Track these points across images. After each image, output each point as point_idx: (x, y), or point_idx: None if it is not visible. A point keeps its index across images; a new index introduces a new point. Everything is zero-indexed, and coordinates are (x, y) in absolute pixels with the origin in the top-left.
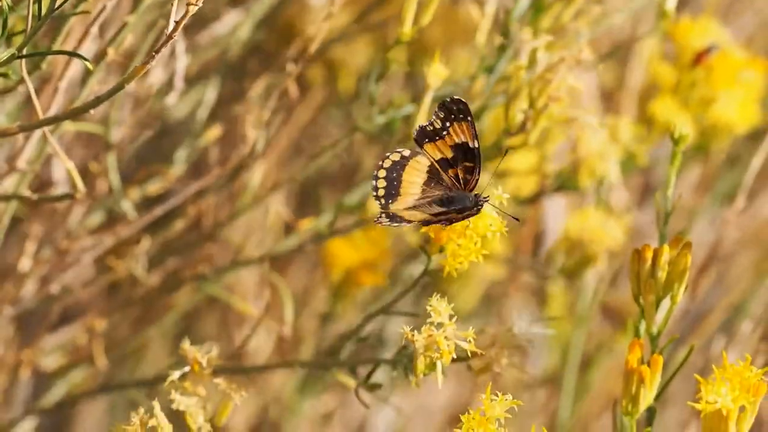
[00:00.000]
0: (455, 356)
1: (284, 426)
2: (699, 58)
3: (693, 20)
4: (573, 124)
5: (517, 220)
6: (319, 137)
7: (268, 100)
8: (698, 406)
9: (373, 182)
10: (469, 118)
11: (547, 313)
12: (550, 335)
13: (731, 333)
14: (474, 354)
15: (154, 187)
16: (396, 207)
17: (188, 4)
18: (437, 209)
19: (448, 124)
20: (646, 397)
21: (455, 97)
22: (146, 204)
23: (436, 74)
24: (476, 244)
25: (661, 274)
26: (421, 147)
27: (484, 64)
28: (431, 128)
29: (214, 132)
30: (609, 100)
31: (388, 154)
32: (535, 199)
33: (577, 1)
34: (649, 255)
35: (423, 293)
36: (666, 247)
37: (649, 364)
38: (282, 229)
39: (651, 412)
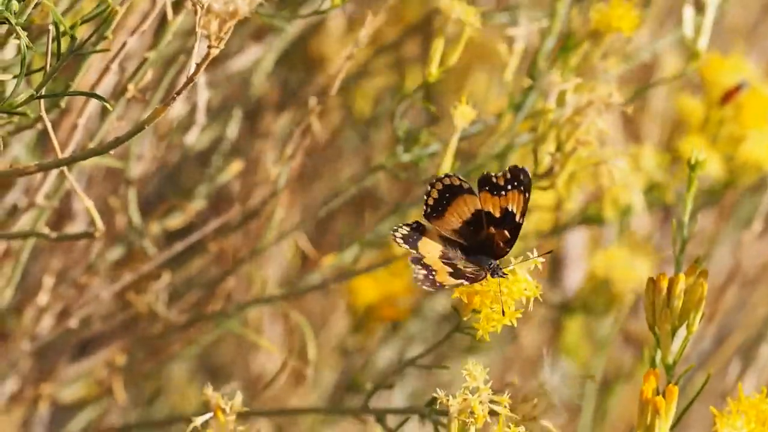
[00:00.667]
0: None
1: None
2: (729, 95)
3: (721, 56)
4: (601, 166)
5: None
6: (337, 159)
7: (290, 135)
8: None
9: (425, 197)
10: (527, 194)
11: (565, 340)
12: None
13: (749, 358)
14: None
15: (174, 222)
16: (432, 231)
17: (209, 47)
18: (460, 255)
19: (509, 186)
20: (662, 428)
21: (525, 168)
22: (166, 238)
23: (464, 116)
24: (510, 308)
25: (677, 303)
26: (480, 190)
27: (511, 102)
28: (494, 180)
29: (236, 167)
30: (630, 125)
31: (444, 177)
32: (556, 232)
33: (605, 40)
34: (664, 284)
35: (443, 322)
36: (682, 276)
37: (664, 395)
38: (302, 261)
39: None
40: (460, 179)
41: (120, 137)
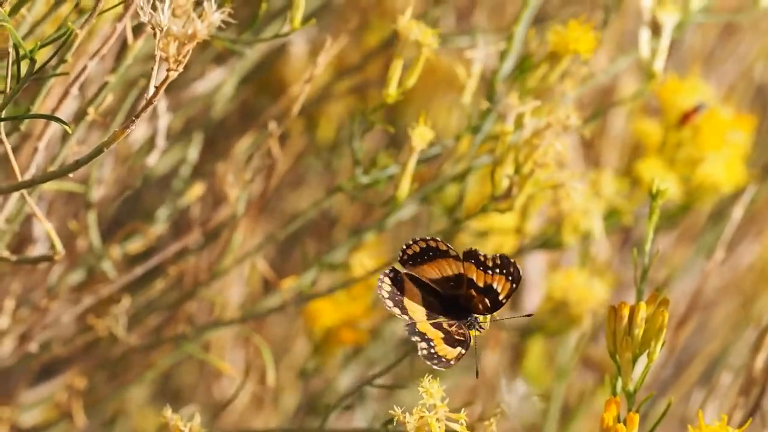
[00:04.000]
0: None
1: None
2: (686, 117)
3: (679, 79)
4: (559, 188)
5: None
6: (299, 184)
7: (250, 158)
8: None
9: (405, 247)
10: (514, 285)
11: (526, 367)
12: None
13: (711, 384)
14: None
15: (134, 246)
16: (408, 282)
17: (168, 70)
18: (437, 306)
19: (497, 270)
20: None
21: (517, 264)
22: (127, 262)
23: (421, 137)
24: None
25: (638, 332)
26: (465, 260)
27: (470, 124)
28: (482, 259)
29: (196, 190)
30: (590, 149)
31: (429, 239)
32: (515, 256)
33: (563, 63)
34: (625, 313)
35: (404, 346)
36: (642, 305)
37: (625, 422)
38: (262, 284)
39: None
40: (447, 245)
41: (80, 160)
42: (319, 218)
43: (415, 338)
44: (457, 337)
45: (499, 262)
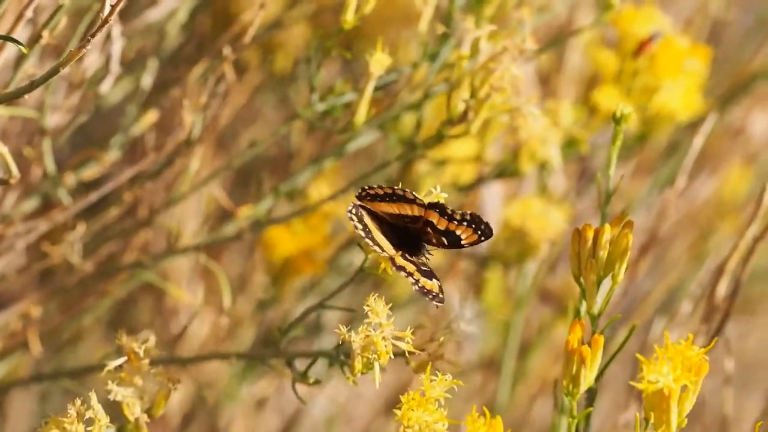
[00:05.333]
0: (392, 356)
1: (220, 411)
2: (642, 46)
3: (635, 8)
4: (515, 113)
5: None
6: (256, 119)
7: (205, 85)
8: (640, 386)
9: (367, 187)
10: (482, 239)
11: (485, 298)
12: (489, 319)
13: (671, 314)
14: (412, 353)
15: (89, 173)
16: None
17: None
18: (393, 241)
19: (465, 224)
20: (587, 378)
21: (489, 224)
22: (82, 190)
23: (379, 63)
24: None
25: (602, 254)
26: (429, 209)
27: (426, 52)
28: (448, 212)
29: (150, 117)
30: (547, 84)
31: (397, 188)
32: (473, 186)
33: None
34: (590, 235)
35: (361, 281)
36: (607, 227)
37: (589, 345)
38: (220, 215)
39: (592, 393)
40: (414, 195)
41: (35, 81)
42: (278, 152)
43: (402, 273)
44: (424, 268)
45: (468, 218)
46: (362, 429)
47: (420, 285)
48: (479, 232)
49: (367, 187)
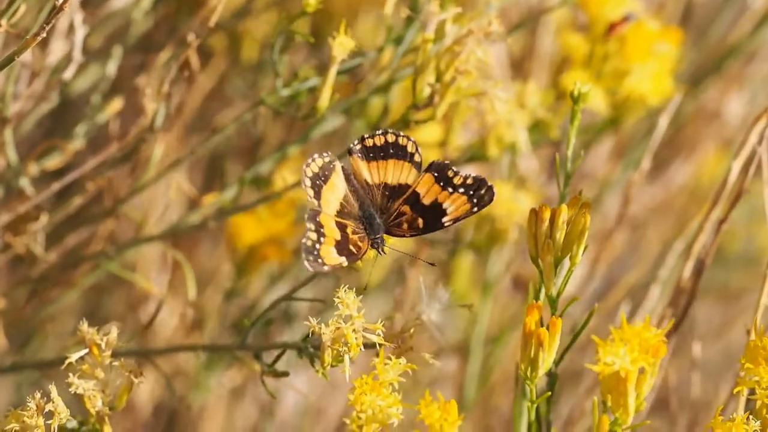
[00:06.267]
0: (362, 348)
1: (190, 401)
2: (612, 28)
3: None
4: (482, 97)
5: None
6: (222, 107)
7: (169, 70)
8: (595, 368)
9: (365, 136)
10: (475, 210)
11: (455, 284)
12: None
13: (640, 300)
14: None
15: (53, 162)
16: (339, 174)
17: None
18: (357, 212)
19: (462, 191)
20: (546, 361)
21: (492, 188)
22: (45, 179)
23: (342, 46)
24: None
25: (560, 235)
26: (426, 171)
27: (391, 35)
28: (449, 174)
29: (115, 105)
30: (518, 68)
31: (392, 132)
32: None
33: None
34: (546, 215)
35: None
36: (564, 207)
37: (547, 327)
38: (185, 204)
39: (552, 377)
40: (416, 147)
41: None
42: (244, 139)
43: (310, 225)
44: (350, 246)
45: (470, 182)
46: (338, 417)
47: (313, 245)
48: (476, 200)
49: (367, 135)
